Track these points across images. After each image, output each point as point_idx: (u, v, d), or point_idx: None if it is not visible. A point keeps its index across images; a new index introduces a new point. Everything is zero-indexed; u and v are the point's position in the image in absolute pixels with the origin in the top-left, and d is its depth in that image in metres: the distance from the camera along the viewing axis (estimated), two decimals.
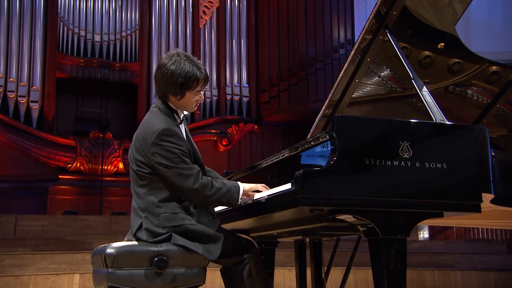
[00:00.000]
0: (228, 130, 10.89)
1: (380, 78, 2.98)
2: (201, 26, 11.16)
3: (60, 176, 9.71)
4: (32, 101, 9.79)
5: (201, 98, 2.39)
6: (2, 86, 9.64)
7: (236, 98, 11.04)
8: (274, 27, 11.16)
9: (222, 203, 2.28)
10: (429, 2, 2.75)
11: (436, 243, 7.90)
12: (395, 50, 2.62)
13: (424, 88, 2.48)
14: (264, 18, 11.34)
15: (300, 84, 10.60)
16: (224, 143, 10.89)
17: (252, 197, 2.30)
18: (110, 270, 2.11)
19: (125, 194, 9.19)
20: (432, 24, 2.81)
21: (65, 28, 10.52)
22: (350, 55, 2.82)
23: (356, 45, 2.75)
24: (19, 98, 9.74)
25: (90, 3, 10.78)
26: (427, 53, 2.87)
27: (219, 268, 2.38)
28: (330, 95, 3.01)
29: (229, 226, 2.62)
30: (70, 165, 9.91)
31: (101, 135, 9.90)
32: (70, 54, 10.56)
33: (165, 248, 2.15)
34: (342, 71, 2.89)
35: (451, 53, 2.89)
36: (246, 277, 2.24)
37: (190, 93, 2.31)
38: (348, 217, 2.02)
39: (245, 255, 2.26)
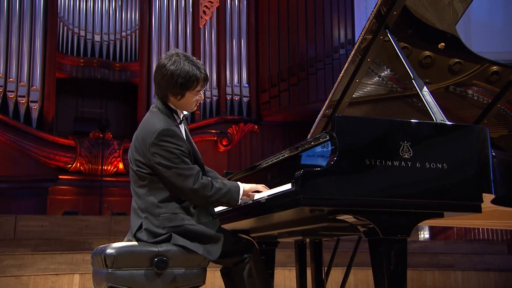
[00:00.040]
0: (228, 130, 10.87)
1: (381, 78, 2.98)
2: (201, 26, 11.15)
3: (60, 176, 9.69)
4: (32, 101, 9.77)
5: (201, 98, 2.39)
6: (2, 86, 9.62)
7: (236, 98, 11.02)
8: (274, 27, 11.15)
9: (222, 204, 2.28)
10: (430, 2, 2.75)
11: (437, 244, 7.90)
12: (396, 50, 2.62)
13: (425, 88, 2.48)
14: (264, 18, 11.33)
15: (300, 84, 10.59)
16: (224, 143, 10.87)
17: (252, 197, 2.30)
18: (110, 271, 2.11)
19: (125, 194, 9.18)
20: (433, 24, 2.81)
21: (65, 28, 10.51)
22: (351, 55, 2.82)
23: (357, 45, 2.75)
24: (19, 98, 9.72)
25: (90, 3, 10.77)
26: (428, 53, 2.87)
27: (219, 268, 2.38)
28: (331, 95, 3.01)
29: (229, 226, 2.62)
30: (70, 165, 9.89)
31: (101, 135, 9.89)
32: (70, 54, 10.55)
33: (165, 249, 2.15)
34: (343, 71, 2.88)
35: (452, 53, 2.89)
36: (246, 277, 2.24)
37: (190, 93, 2.31)
38: (349, 218, 2.02)
39: (245, 255, 2.25)
